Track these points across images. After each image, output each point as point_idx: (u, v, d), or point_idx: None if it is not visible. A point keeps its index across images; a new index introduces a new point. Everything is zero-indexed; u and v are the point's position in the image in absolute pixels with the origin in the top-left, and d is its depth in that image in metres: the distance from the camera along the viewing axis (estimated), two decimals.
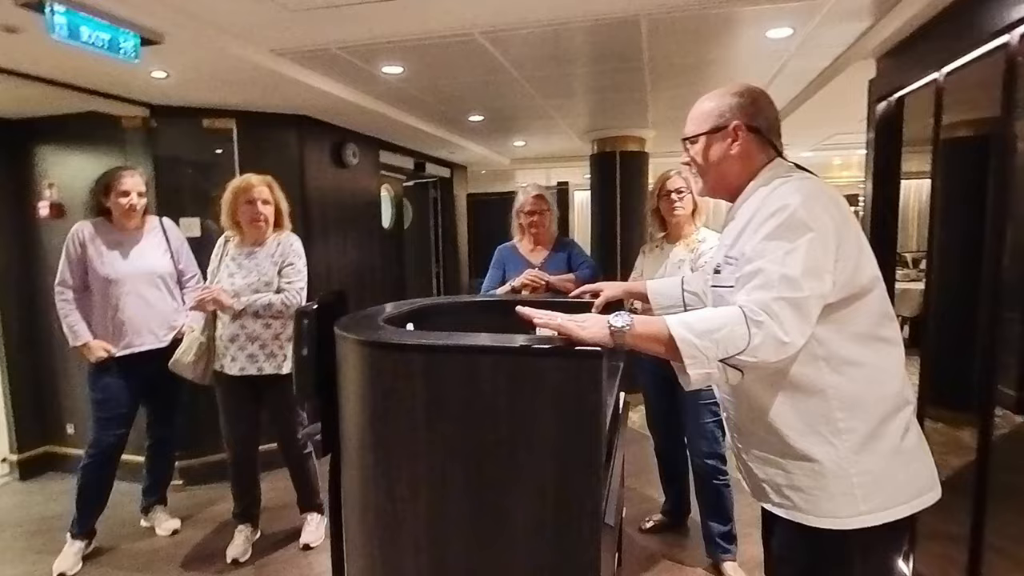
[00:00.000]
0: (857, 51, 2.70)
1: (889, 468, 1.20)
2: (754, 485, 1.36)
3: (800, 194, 1.19)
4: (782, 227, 1.16)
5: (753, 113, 1.30)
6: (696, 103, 1.37)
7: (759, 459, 1.31)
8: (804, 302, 1.12)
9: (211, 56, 2.54)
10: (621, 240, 4.82)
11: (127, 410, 2.73)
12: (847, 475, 1.18)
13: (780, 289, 1.11)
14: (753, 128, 1.29)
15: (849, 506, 1.19)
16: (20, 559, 2.76)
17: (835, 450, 1.19)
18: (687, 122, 1.37)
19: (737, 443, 1.39)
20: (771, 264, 1.14)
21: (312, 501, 2.84)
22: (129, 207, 2.69)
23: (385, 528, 1.37)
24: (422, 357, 1.27)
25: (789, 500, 1.25)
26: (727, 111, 1.30)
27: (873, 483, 1.18)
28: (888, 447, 1.20)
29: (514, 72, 3.05)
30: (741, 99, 1.30)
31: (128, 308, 2.69)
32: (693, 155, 1.37)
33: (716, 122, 1.31)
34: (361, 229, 4.52)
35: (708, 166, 1.35)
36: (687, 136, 1.37)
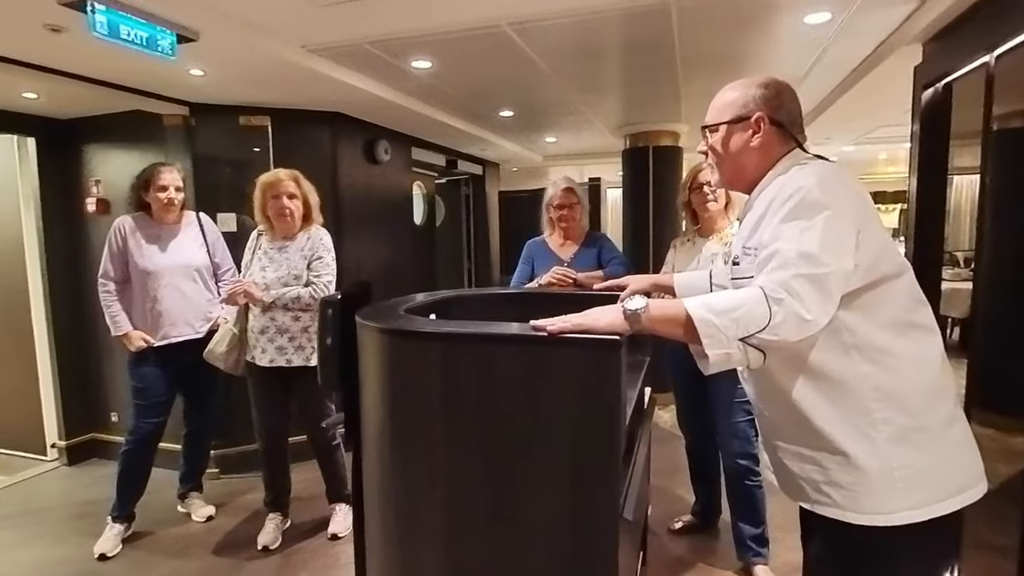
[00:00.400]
0: (901, 35, 2.58)
1: (933, 460, 1.14)
2: (789, 483, 1.30)
3: (816, 176, 1.15)
4: (797, 207, 1.12)
5: (777, 106, 1.27)
6: (719, 92, 1.33)
7: (794, 455, 1.25)
8: (825, 278, 1.08)
9: (244, 53, 2.60)
10: (654, 236, 4.74)
11: (165, 398, 2.82)
12: (887, 468, 1.13)
13: (799, 266, 1.08)
14: (776, 121, 1.26)
15: (891, 501, 1.13)
16: (65, 540, 2.88)
17: (872, 443, 1.14)
18: (708, 110, 1.34)
19: (771, 440, 1.33)
20: (787, 243, 1.11)
21: (340, 492, 2.87)
22: (168, 202, 2.77)
23: (403, 519, 1.37)
24: (439, 345, 1.26)
25: (828, 497, 1.20)
26: (751, 102, 1.27)
27: (915, 476, 1.13)
28: (930, 438, 1.14)
29: (543, 65, 3.02)
30: (766, 91, 1.27)
31: (166, 300, 2.78)
32: (712, 144, 1.34)
33: (739, 112, 1.28)
34: (393, 225, 4.56)
35: (726, 156, 1.32)
36: (707, 124, 1.34)
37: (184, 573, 2.59)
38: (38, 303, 3.72)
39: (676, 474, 3.23)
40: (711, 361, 1.09)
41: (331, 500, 2.91)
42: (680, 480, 3.09)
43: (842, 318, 1.13)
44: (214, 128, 3.49)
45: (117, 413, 3.75)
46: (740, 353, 1.08)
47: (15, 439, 3.90)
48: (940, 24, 2.39)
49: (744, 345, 1.08)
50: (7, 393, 3.90)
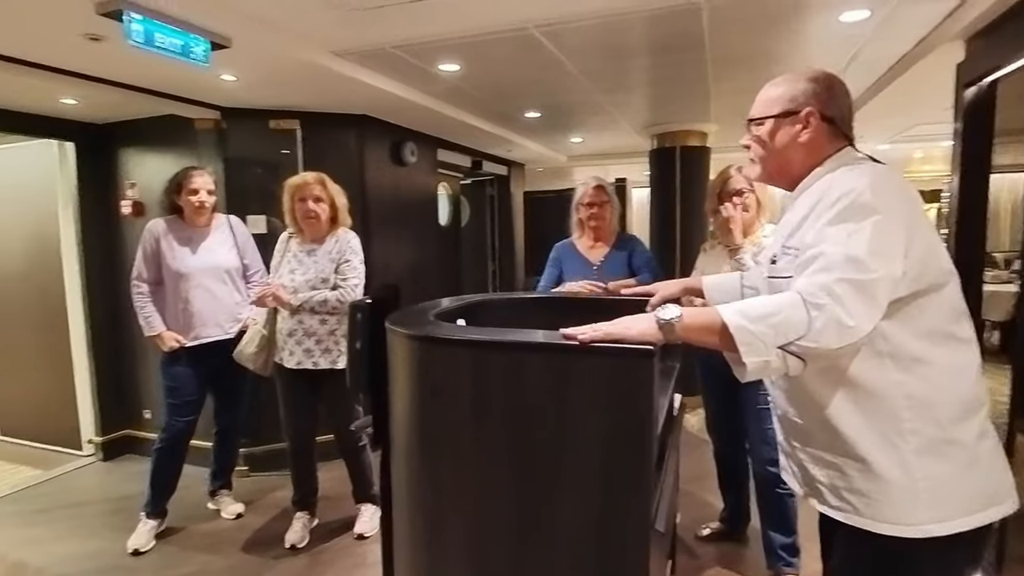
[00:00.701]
0: (943, 32, 2.50)
1: (960, 474, 1.10)
2: (808, 486, 1.28)
3: (868, 178, 1.11)
4: (847, 210, 1.08)
5: (827, 101, 1.22)
6: (767, 85, 1.29)
7: (815, 459, 1.23)
8: (871, 284, 1.04)
9: (274, 58, 2.63)
10: (681, 238, 4.68)
11: (196, 397, 2.87)
12: (912, 480, 1.10)
13: (844, 270, 1.04)
14: (826, 117, 1.21)
15: (913, 513, 1.10)
16: (99, 535, 2.95)
17: (898, 453, 1.11)
18: (755, 103, 1.29)
19: (791, 441, 1.31)
20: (833, 246, 1.07)
21: (367, 492, 2.89)
22: (199, 205, 2.82)
23: (430, 524, 1.37)
24: (469, 352, 1.26)
25: (849, 504, 1.17)
26: (800, 96, 1.22)
27: (940, 489, 1.09)
28: (960, 452, 1.11)
29: (570, 66, 3.00)
30: (816, 85, 1.22)
31: (197, 301, 2.83)
32: (756, 137, 1.29)
33: (787, 106, 1.24)
34: (419, 226, 4.58)
35: (771, 152, 1.27)
36: (753, 118, 1.29)
37: (213, 570, 2.64)
38: (75, 303, 3.82)
39: (704, 479, 3.18)
40: (749, 369, 1.06)
41: (357, 500, 2.94)
42: (708, 486, 3.04)
43: (879, 325, 1.09)
44: (245, 132, 3.54)
45: (150, 410, 3.84)
46: (779, 360, 1.05)
47: (52, 434, 4.02)
48: (984, 21, 2.31)
49: (783, 352, 1.05)
50: (45, 390, 4.01)
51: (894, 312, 1.10)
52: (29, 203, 3.90)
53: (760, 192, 2.46)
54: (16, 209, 3.96)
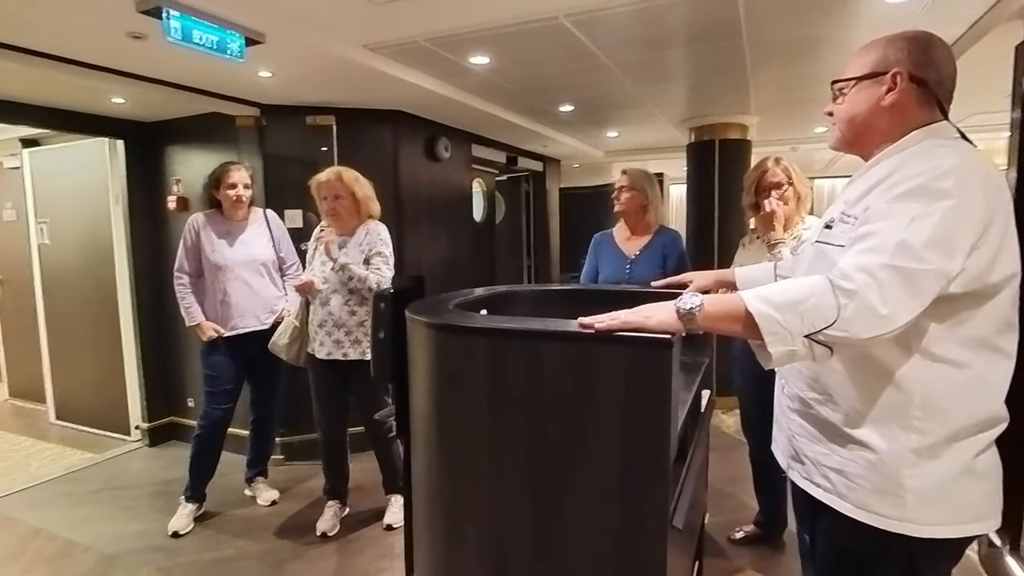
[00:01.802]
0: (1000, 12, 2.35)
1: (950, 484, 1.05)
2: (793, 459, 1.26)
3: (955, 159, 1.02)
4: (919, 189, 1.00)
5: (923, 62, 1.10)
6: (861, 47, 1.19)
7: (808, 433, 1.20)
8: (919, 275, 0.96)
9: (308, 53, 2.67)
10: (719, 234, 4.56)
11: (233, 386, 2.95)
12: (900, 475, 1.05)
13: (893, 255, 0.97)
14: (917, 79, 1.10)
15: (893, 508, 1.06)
16: (143, 517, 3.07)
17: (897, 444, 1.06)
18: (845, 66, 1.21)
19: (789, 413, 1.28)
20: (892, 227, 0.99)
21: (396, 483, 2.92)
22: (236, 199, 2.90)
23: (447, 515, 1.37)
24: (486, 341, 1.24)
25: (831, 483, 1.14)
26: (891, 55, 1.12)
27: (926, 492, 1.05)
28: (957, 462, 1.05)
29: (603, 57, 2.95)
30: (912, 44, 1.11)
31: (234, 292, 2.91)
32: (838, 102, 1.20)
33: (874, 67, 1.13)
34: (453, 222, 4.60)
35: (851, 115, 1.18)
36: (837, 79, 1.21)
37: (248, 553, 2.71)
38: (124, 293, 3.99)
39: (740, 482, 3.09)
40: (774, 358, 1.01)
41: (387, 491, 2.97)
42: (745, 488, 2.95)
43: (920, 321, 1.02)
44: (283, 128, 3.63)
45: (193, 399, 3.98)
46: (805, 349, 1.00)
47: (103, 420, 4.21)
48: None
49: (810, 341, 0.99)
50: (97, 377, 4.21)
51: (942, 312, 1.03)
52: (84, 199, 4.09)
53: (799, 184, 2.37)
54: (72, 205, 4.16)
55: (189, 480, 2.96)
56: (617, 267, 2.74)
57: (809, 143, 5.89)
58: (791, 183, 2.34)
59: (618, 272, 2.72)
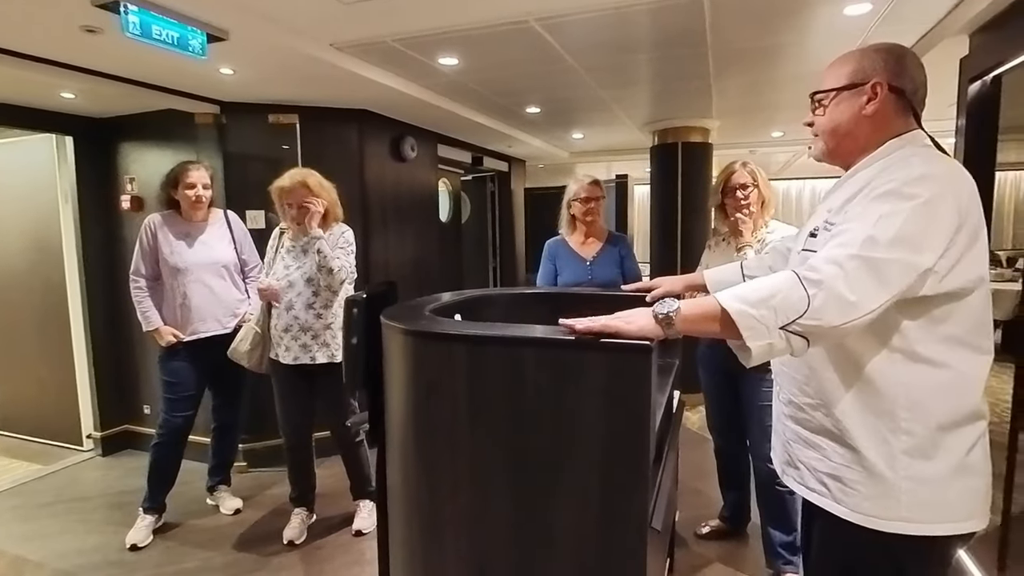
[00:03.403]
0: (947, 26, 2.47)
1: (943, 481, 1.09)
2: (788, 464, 1.29)
3: (928, 166, 1.07)
4: (891, 192, 1.05)
5: (898, 72, 1.16)
6: (835, 59, 1.24)
7: (802, 439, 1.24)
8: (884, 265, 1.01)
9: (272, 51, 2.61)
10: (682, 235, 4.65)
11: (194, 392, 2.86)
12: (894, 477, 1.09)
13: (860, 248, 1.02)
14: (895, 88, 1.15)
15: (889, 509, 1.10)
16: (99, 530, 2.95)
17: (888, 448, 1.10)
18: (822, 78, 1.24)
19: (784, 419, 1.31)
20: (861, 225, 1.04)
21: (364, 489, 2.89)
22: (195, 199, 2.81)
23: (425, 522, 1.36)
24: (465, 347, 1.24)
25: (826, 488, 1.18)
26: (868, 67, 1.17)
27: (920, 491, 1.09)
28: (948, 459, 1.09)
29: (570, 60, 2.98)
30: (886, 55, 1.17)
31: (194, 296, 2.82)
32: (818, 112, 1.24)
33: (853, 78, 1.18)
34: (419, 223, 4.56)
35: (833, 126, 1.22)
36: (817, 91, 1.24)
37: (212, 565, 2.63)
38: (75, 297, 3.82)
39: (704, 478, 3.17)
40: (754, 354, 1.05)
41: (355, 497, 2.93)
42: (709, 484, 3.03)
43: (900, 322, 1.08)
44: (244, 126, 3.53)
45: (150, 406, 3.84)
46: (783, 342, 1.04)
47: (53, 429, 4.02)
48: (989, 14, 2.28)
49: (786, 333, 1.03)
50: (46, 384, 4.01)
51: (919, 312, 1.08)
52: (29, 198, 3.89)
53: (763, 187, 2.44)
54: (16, 204, 3.95)
55: (148, 490, 2.85)
56: (578, 270, 2.79)
57: (767, 146, 6.07)
58: (756, 185, 2.41)
59: (580, 275, 2.77)
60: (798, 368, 1.23)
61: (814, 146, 1.30)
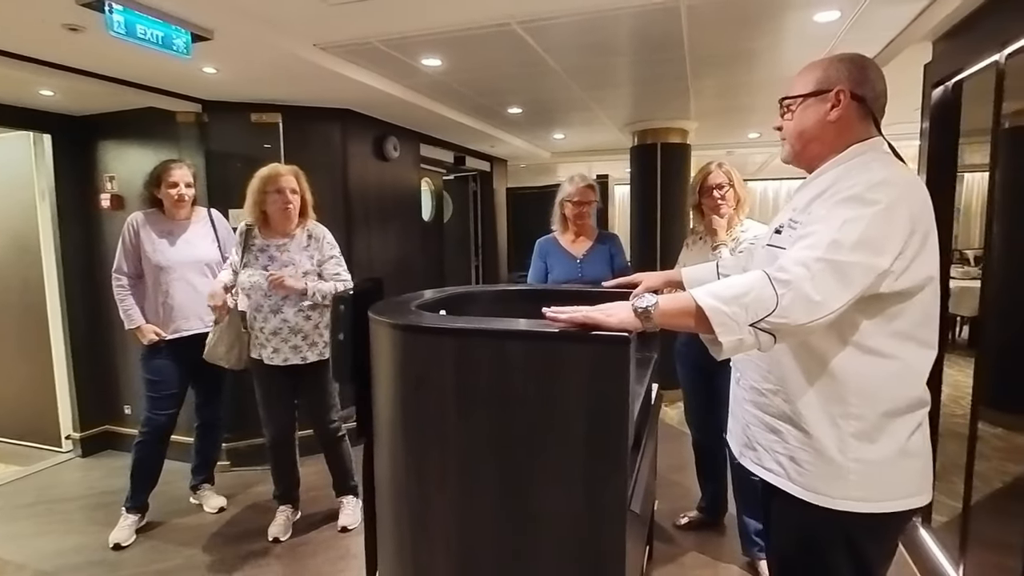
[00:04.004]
0: (911, 33, 2.58)
1: (887, 463, 1.19)
2: (747, 446, 1.37)
3: (886, 171, 1.16)
4: (854, 197, 1.13)
5: (860, 80, 1.23)
6: (803, 67, 1.32)
7: (761, 422, 1.32)
8: (848, 267, 1.09)
9: (257, 51, 2.63)
10: (661, 234, 4.74)
11: (177, 391, 2.86)
12: (844, 459, 1.18)
13: (826, 251, 1.10)
14: (857, 96, 1.23)
15: (840, 489, 1.19)
16: (80, 531, 2.93)
17: (838, 432, 1.19)
18: (791, 85, 1.32)
19: (744, 404, 1.39)
20: (826, 228, 1.12)
21: (347, 484, 2.92)
22: (178, 197, 2.81)
23: (414, 514, 1.40)
24: (453, 341, 1.29)
25: (782, 468, 1.27)
26: (833, 75, 1.25)
27: (867, 472, 1.18)
28: (891, 443, 1.19)
29: (552, 63, 3.04)
30: (850, 65, 1.24)
31: (177, 294, 2.82)
32: (786, 117, 1.33)
33: (819, 85, 1.26)
34: (401, 222, 4.59)
35: (800, 130, 1.30)
36: (786, 97, 1.33)
37: (196, 563, 2.63)
38: (53, 297, 3.78)
39: (683, 470, 3.25)
40: (724, 348, 1.11)
41: (339, 493, 2.95)
42: (688, 476, 3.11)
43: (855, 318, 1.15)
44: (226, 125, 3.53)
45: (130, 405, 3.81)
46: (752, 338, 1.10)
47: (31, 430, 3.97)
48: (951, 22, 2.38)
49: (755, 330, 1.10)
50: (24, 385, 3.96)
51: (874, 310, 1.15)
52: (6, 196, 3.84)
53: (739, 187, 2.52)
54: None
55: (131, 489, 2.85)
56: (569, 268, 2.84)
57: (744, 147, 6.20)
58: (732, 185, 2.49)
59: (571, 273, 2.82)
60: (762, 357, 1.30)
61: (782, 149, 1.38)
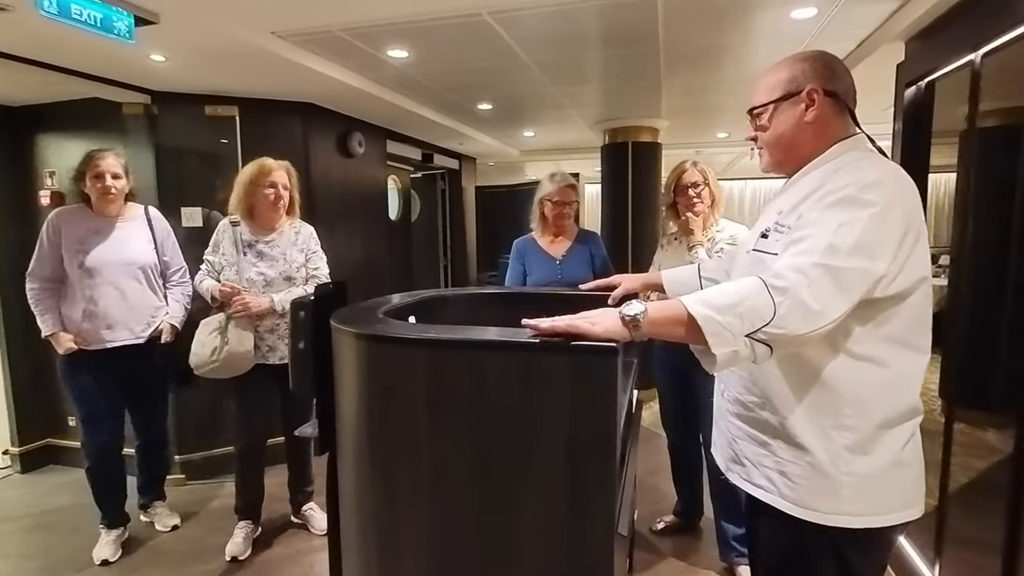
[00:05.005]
0: (885, 33, 2.57)
1: (881, 475, 1.13)
2: (734, 461, 1.30)
3: (877, 171, 1.10)
4: (847, 199, 1.06)
5: (829, 77, 1.18)
6: (764, 73, 1.25)
7: (749, 436, 1.25)
8: (846, 274, 1.02)
9: (209, 38, 2.46)
10: (633, 233, 4.70)
11: (108, 407, 2.59)
12: (837, 473, 1.12)
13: (823, 256, 1.03)
14: (830, 92, 1.18)
15: (832, 504, 1.13)
16: (19, 552, 2.71)
17: (831, 444, 1.12)
18: (755, 92, 1.26)
19: (729, 417, 1.32)
20: (821, 232, 1.05)
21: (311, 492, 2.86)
22: (103, 191, 2.51)
23: (383, 534, 1.29)
24: (424, 352, 1.18)
25: (772, 484, 1.20)
26: (799, 75, 1.19)
27: (860, 486, 1.12)
28: (885, 454, 1.13)
29: (524, 56, 2.94)
30: (814, 63, 1.19)
31: (104, 300, 2.52)
32: (761, 126, 1.26)
33: (788, 88, 1.20)
34: (368, 221, 4.43)
35: (777, 136, 1.24)
36: (755, 106, 1.26)
37: None
38: None
39: (659, 473, 3.20)
40: (719, 360, 1.03)
41: (304, 502, 2.86)
42: (663, 479, 3.06)
43: (847, 324, 1.08)
44: (178, 118, 3.32)
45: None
46: (747, 349, 1.03)
47: None
48: (924, 23, 2.38)
49: (751, 341, 1.02)
50: None
51: (866, 315, 1.09)
52: None
53: (713, 186, 2.48)
54: None
55: (100, 510, 2.65)
56: (548, 269, 2.75)
57: (712, 147, 6.23)
58: (707, 183, 2.45)
59: (550, 274, 2.74)
60: (744, 367, 1.23)
61: (761, 159, 1.32)
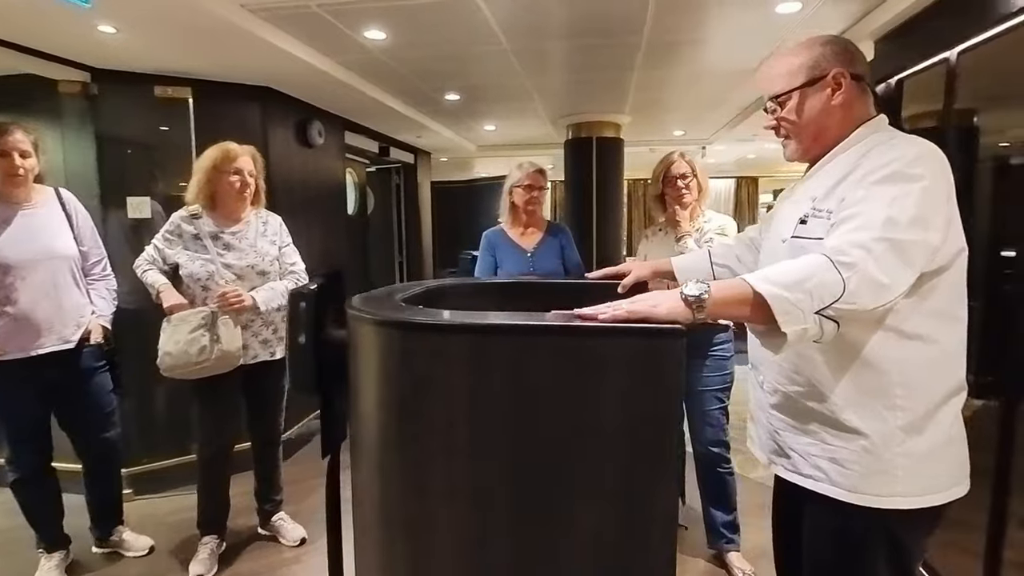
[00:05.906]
0: (857, 32, 2.65)
1: (933, 453, 1.12)
2: (777, 454, 1.27)
3: (917, 147, 1.09)
4: (895, 174, 1.05)
5: (850, 59, 1.18)
6: (774, 60, 1.23)
7: (791, 427, 1.22)
8: (909, 246, 1.02)
9: (171, 7, 2.24)
10: (598, 227, 4.72)
11: (36, 422, 2.27)
12: (891, 454, 1.11)
13: (883, 230, 1.01)
14: (856, 75, 1.17)
15: (886, 486, 1.12)
16: None
17: (885, 425, 1.11)
18: (769, 81, 1.23)
19: (769, 409, 1.28)
20: (876, 207, 1.04)
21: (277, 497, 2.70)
22: (10, 171, 2.14)
23: (413, 538, 1.18)
24: (467, 339, 1.09)
25: (822, 472, 1.17)
26: (821, 60, 1.18)
27: (914, 466, 1.11)
28: (938, 432, 1.12)
29: (504, 41, 2.88)
30: (835, 46, 1.19)
31: (24, 300, 2.16)
32: (784, 114, 1.23)
33: (812, 73, 1.19)
34: (326, 214, 4.24)
35: (805, 123, 1.22)
36: (777, 94, 1.23)
37: None
38: None
39: None
40: (789, 339, 1.00)
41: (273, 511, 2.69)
42: None
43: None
44: (123, 99, 3.04)
45: None
46: (816, 327, 1.00)
47: None
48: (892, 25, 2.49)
49: (819, 318, 1.00)
50: None
51: (912, 289, 1.08)
52: None
53: (700, 176, 2.49)
54: None
55: (34, 530, 2.36)
56: (519, 261, 2.70)
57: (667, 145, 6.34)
58: (695, 175, 2.46)
59: (521, 266, 2.69)
60: (784, 356, 1.20)
61: (786, 148, 1.30)
